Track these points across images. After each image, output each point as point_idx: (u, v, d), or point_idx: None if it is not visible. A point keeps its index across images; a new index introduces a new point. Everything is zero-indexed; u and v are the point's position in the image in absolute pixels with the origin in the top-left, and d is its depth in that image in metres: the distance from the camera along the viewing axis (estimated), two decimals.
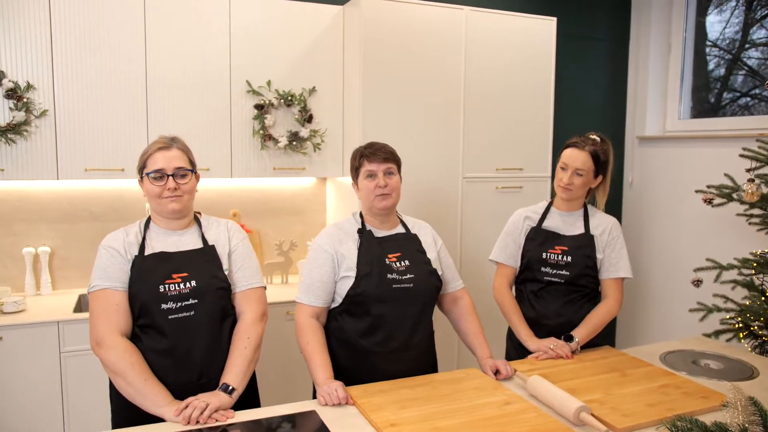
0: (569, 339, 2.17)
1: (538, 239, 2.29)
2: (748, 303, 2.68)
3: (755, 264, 2.65)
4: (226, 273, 1.84)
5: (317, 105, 3.22)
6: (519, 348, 2.27)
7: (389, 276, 1.94)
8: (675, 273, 3.89)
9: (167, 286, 1.74)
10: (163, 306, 1.72)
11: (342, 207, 3.33)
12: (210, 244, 1.86)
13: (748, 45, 3.75)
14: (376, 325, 1.94)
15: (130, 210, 3.14)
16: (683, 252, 3.85)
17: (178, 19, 2.90)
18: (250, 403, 1.87)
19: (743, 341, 2.64)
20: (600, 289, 2.29)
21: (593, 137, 2.24)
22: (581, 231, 2.26)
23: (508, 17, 3.34)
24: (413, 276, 1.97)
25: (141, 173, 1.83)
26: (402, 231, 2.09)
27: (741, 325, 2.60)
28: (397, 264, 1.98)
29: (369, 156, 1.99)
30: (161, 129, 2.87)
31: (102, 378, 1.71)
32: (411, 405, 1.71)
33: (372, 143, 2.04)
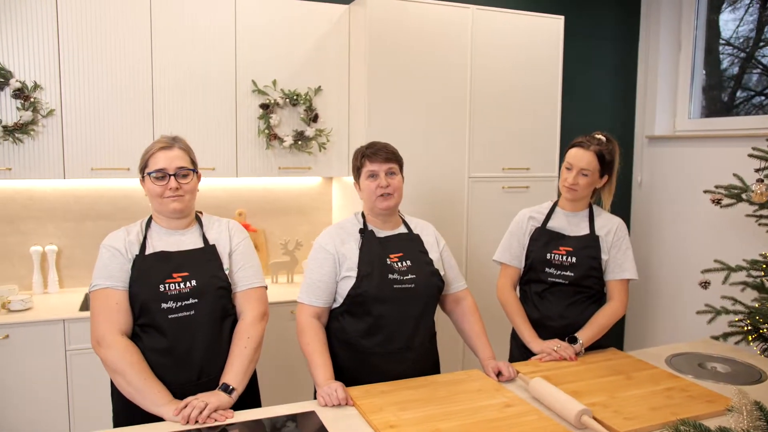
0: (573, 341, 2.15)
1: (542, 240, 2.26)
2: (757, 305, 2.63)
3: (765, 266, 2.60)
4: (226, 272, 1.84)
5: (323, 104, 3.21)
6: (523, 349, 2.25)
7: (390, 276, 1.93)
8: (684, 274, 3.85)
9: (167, 285, 1.74)
10: (163, 305, 1.72)
11: (348, 206, 3.33)
12: (211, 243, 1.86)
13: (762, 43, 3.69)
14: (377, 326, 1.93)
15: (136, 209, 3.16)
16: (693, 253, 3.80)
17: (184, 19, 2.91)
18: (250, 403, 1.86)
19: (752, 344, 2.60)
20: (605, 291, 2.27)
21: (599, 137, 2.22)
22: (586, 232, 2.24)
23: (514, 16, 3.32)
24: (415, 276, 1.96)
25: (142, 173, 1.83)
26: (404, 231, 2.08)
27: (750, 328, 2.56)
28: (399, 264, 1.96)
29: (370, 156, 1.98)
30: (167, 128, 2.88)
31: (107, 376, 1.72)
32: (411, 406, 1.70)
33: (373, 143, 2.03)
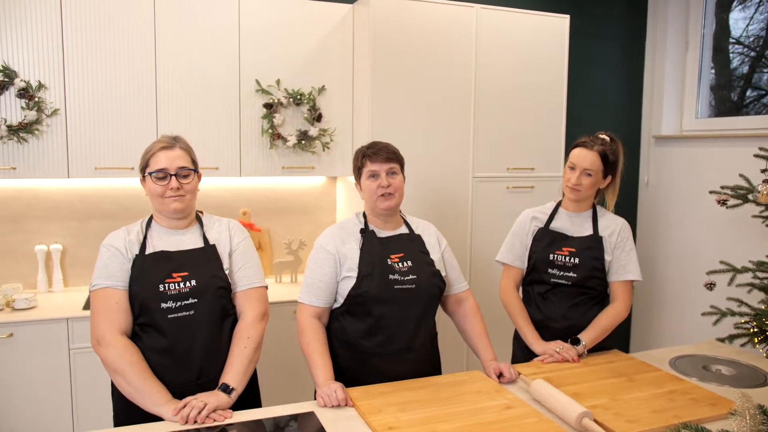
0: (576, 342, 2.13)
1: (545, 240, 2.25)
2: (764, 307, 2.61)
3: None
4: (226, 272, 1.84)
5: (327, 104, 3.21)
6: (525, 350, 2.24)
7: (391, 277, 1.92)
8: (691, 275, 3.82)
9: (167, 285, 1.74)
10: (163, 305, 1.72)
11: (352, 206, 3.32)
12: (211, 243, 1.86)
13: None
14: (377, 326, 1.92)
15: (140, 208, 3.16)
16: (699, 254, 3.77)
17: (187, 18, 2.91)
18: (250, 403, 1.86)
19: (758, 346, 2.58)
20: (608, 292, 2.25)
21: (602, 137, 2.20)
22: (589, 232, 2.22)
23: (519, 15, 3.30)
24: (415, 277, 1.95)
25: (143, 172, 1.83)
26: (405, 231, 2.07)
27: (756, 330, 2.54)
28: (400, 265, 1.96)
29: (371, 156, 1.97)
30: (170, 127, 2.88)
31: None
32: (411, 408, 1.69)
33: (374, 143, 2.02)
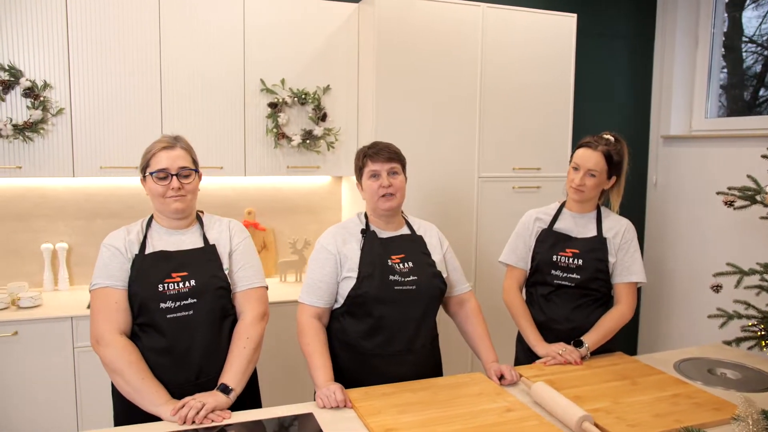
0: (579, 344, 2.11)
1: (548, 241, 2.23)
2: None
3: None
4: (226, 272, 1.84)
5: (331, 103, 3.20)
6: (528, 352, 2.22)
7: (391, 277, 1.91)
8: (700, 277, 3.77)
9: (166, 285, 1.74)
10: (162, 305, 1.73)
11: (357, 206, 3.31)
12: (211, 243, 1.85)
13: None
14: (377, 327, 1.91)
15: (146, 207, 3.16)
16: (708, 255, 3.72)
17: (192, 18, 2.92)
18: (250, 403, 1.86)
19: (765, 350, 2.54)
20: (612, 294, 2.23)
21: (607, 137, 2.18)
22: (593, 233, 2.20)
23: (526, 14, 3.28)
24: (416, 278, 1.94)
25: (144, 172, 1.83)
26: (407, 232, 2.05)
27: (763, 333, 2.50)
28: (401, 266, 1.94)
29: (372, 156, 1.96)
30: (175, 126, 2.89)
31: None
32: (410, 410, 1.68)
33: (376, 143, 2.01)
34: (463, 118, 3.20)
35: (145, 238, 1.81)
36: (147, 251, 1.78)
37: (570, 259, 2.18)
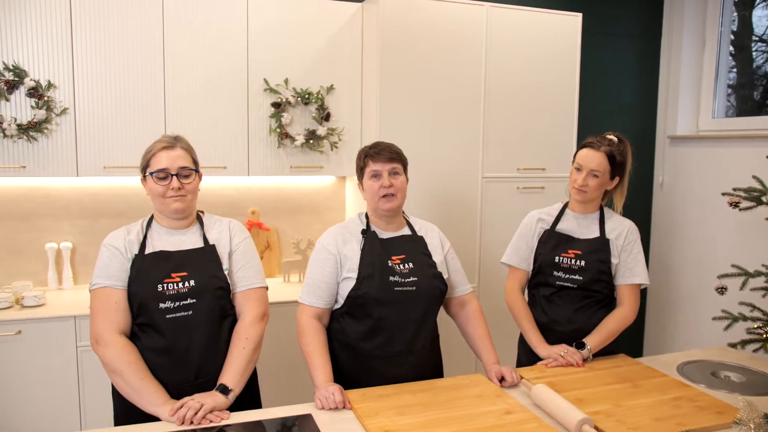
0: (581, 346, 2.09)
1: (551, 242, 2.21)
2: None
3: None
4: (226, 273, 1.83)
5: (335, 103, 3.20)
6: (530, 354, 2.20)
7: (391, 278, 1.90)
8: (706, 278, 3.74)
9: (165, 285, 1.74)
10: (161, 305, 1.73)
11: (361, 206, 3.30)
12: (211, 243, 1.85)
13: None
14: (377, 328, 1.91)
15: (149, 207, 3.15)
16: (715, 256, 3.69)
17: (196, 18, 2.92)
18: (250, 404, 1.86)
19: None
20: (615, 296, 2.21)
21: (610, 137, 2.16)
22: (596, 234, 2.18)
23: (530, 13, 3.26)
24: (417, 279, 1.93)
25: (144, 172, 1.83)
26: (408, 233, 2.04)
27: None
28: (401, 266, 1.94)
29: (374, 156, 1.96)
30: (178, 126, 2.89)
31: None
32: (409, 411, 1.68)
33: (377, 143, 2.01)
34: (467, 117, 3.19)
35: (145, 238, 1.82)
36: (147, 251, 1.79)
37: (572, 261, 2.16)
